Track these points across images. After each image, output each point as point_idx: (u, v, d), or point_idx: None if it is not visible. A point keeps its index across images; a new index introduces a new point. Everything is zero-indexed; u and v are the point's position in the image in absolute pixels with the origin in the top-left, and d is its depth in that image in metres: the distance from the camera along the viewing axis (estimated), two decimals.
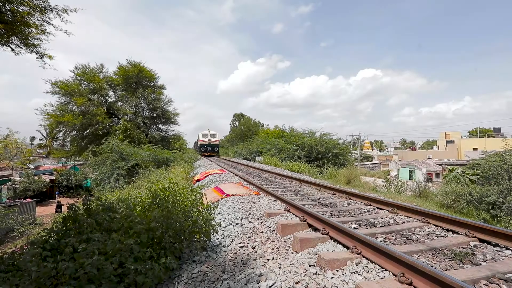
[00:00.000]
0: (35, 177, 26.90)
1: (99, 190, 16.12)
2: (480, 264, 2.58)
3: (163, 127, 30.89)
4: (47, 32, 6.96)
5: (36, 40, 6.96)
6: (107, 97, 27.27)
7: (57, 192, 28.74)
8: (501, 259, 2.66)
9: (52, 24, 6.96)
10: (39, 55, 7.18)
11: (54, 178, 30.27)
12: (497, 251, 2.87)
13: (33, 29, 6.71)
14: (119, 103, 27.97)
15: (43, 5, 6.52)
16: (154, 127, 30.23)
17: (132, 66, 26.52)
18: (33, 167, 33.96)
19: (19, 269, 2.41)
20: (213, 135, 31.89)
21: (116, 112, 27.29)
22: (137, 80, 26.89)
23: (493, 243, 3.05)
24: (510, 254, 2.77)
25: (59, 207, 21.75)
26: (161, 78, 34.58)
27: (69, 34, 7.34)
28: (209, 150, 31.26)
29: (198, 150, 32.25)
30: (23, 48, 6.81)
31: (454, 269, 2.47)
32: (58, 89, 23.59)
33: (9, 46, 6.71)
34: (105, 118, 24.85)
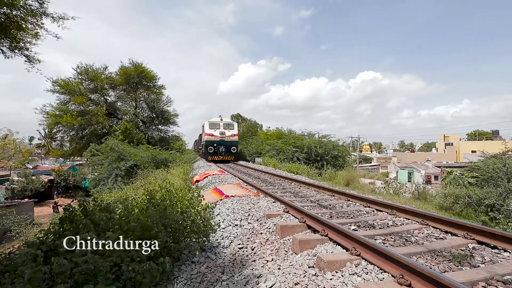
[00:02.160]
0: (33, 177, 26.84)
1: (97, 190, 16.08)
2: (479, 266, 2.59)
3: (162, 127, 30.77)
4: (39, 35, 6.98)
5: (27, 43, 6.97)
6: (107, 97, 27.22)
7: (55, 192, 28.66)
8: (499, 261, 2.67)
9: (46, 29, 6.98)
10: (28, 59, 7.18)
11: (52, 178, 30.19)
12: (496, 253, 2.88)
13: (24, 33, 6.72)
14: (119, 103, 27.91)
15: (40, 10, 6.55)
16: (153, 127, 30.15)
17: (133, 66, 26.50)
18: (31, 167, 33.90)
19: (14, 270, 2.40)
20: (228, 126, 19.56)
21: (115, 112, 27.25)
22: (138, 80, 26.81)
23: (492, 245, 3.06)
24: (508, 256, 2.78)
25: (56, 207, 21.66)
26: (162, 79, 34.01)
27: (58, 38, 7.35)
28: (221, 151, 18.67)
29: (203, 151, 20.45)
30: (12, 51, 6.81)
31: (452, 271, 2.48)
32: (58, 87, 23.56)
33: (1, 49, 6.70)
34: (105, 119, 24.81)
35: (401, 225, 3.97)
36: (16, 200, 20.44)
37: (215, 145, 18.74)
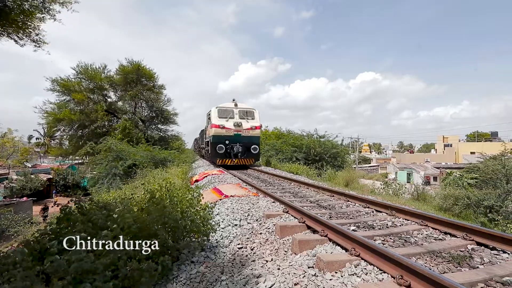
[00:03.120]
0: (32, 176, 26.76)
1: (96, 190, 16.06)
2: (478, 267, 2.59)
3: (162, 127, 30.74)
4: (45, 19, 7.06)
5: (35, 29, 7.06)
6: (107, 97, 27.19)
7: (54, 191, 28.61)
8: (498, 262, 2.68)
9: (51, 14, 7.03)
10: (37, 43, 7.29)
11: (51, 177, 30.13)
12: (495, 254, 2.89)
13: (31, 18, 6.79)
14: (119, 103, 27.88)
15: None
16: (153, 126, 30.12)
17: (131, 65, 26.45)
18: (30, 166, 33.82)
19: (7, 270, 2.38)
20: (247, 115, 13.71)
21: (115, 112, 27.21)
22: (136, 77, 26.73)
23: (491, 247, 3.06)
24: (507, 258, 2.79)
25: (46, 209, 20.01)
26: (162, 78, 33.82)
27: (59, 21, 7.42)
28: (237, 151, 12.96)
29: (209, 150, 13.95)
30: (22, 37, 6.89)
31: (452, 272, 2.48)
32: (58, 87, 23.51)
33: (12, 38, 6.77)
34: (104, 115, 24.75)
35: (400, 225, 3.97)
36: (14, 199, 20.38)
37: (227, 142, 12.81)
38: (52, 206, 21.95)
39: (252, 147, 13.19)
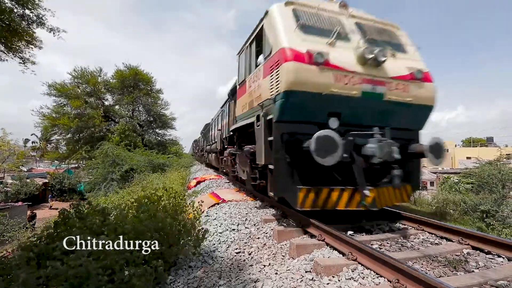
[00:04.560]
0: (28, 180, 26.47)
1: (92, 195, 15.93)
2: (473, 271, 2.62)
3: (160, 131, 30.74)
4: (33, 44, 7.18)
5: (22, 47, 7.14)
6: (104, 101, 27.18)
7: (50, 195, 28.29)
8: (493, 266, 2.71)
9: (36, 39, 7.20)
10: (22, 60, 7.32)
11: (47, 181, 29.81)
12: (490, 258, 2.92)
13: (18, 39, 6.90)
14: (116, 107, 27.86)
15: (35, 19, 6.75)
16: (151, 131, 30.10)
17: (128, 69, 26.51)
18: (25, 170, 33.48)
19: (8, 274, 2.37)
20: (386, 36, 4.06)
21: (113, 116, 27.17)
22: (134, 83, 26.79)
23: (486, 251, 3.10)
24: (502, 262, 2.83)
25: (33, 216, 18.73)
26: (160, 81, 34.00)
27: (41, 48, 7.62)
28: (390, 155, 3.26)
29: (259, 148, 3.95)
30: (6, 52, 6.95)
31: (448, 276, 2.51)
32: (54, 91, 23.49)
33: None
34: (101, 121, 24.69)
35: (397, 230, 4.00)
36: (9, 203, 20.10)
37: (337, 123, 3.59)
38: (51, 214, 21.54)
39: (436, 144, 4.10)
